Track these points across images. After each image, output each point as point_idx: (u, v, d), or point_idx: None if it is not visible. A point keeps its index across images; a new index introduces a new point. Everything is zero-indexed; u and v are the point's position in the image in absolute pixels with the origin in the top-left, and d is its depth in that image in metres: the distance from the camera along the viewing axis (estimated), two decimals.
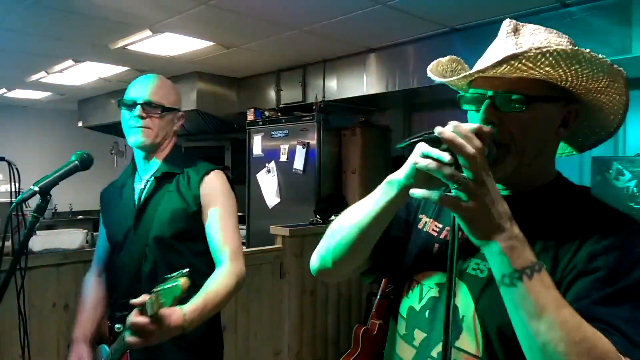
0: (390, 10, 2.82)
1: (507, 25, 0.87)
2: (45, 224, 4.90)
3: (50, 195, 1.24)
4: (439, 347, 0.83)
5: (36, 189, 1.21)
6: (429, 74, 0.93)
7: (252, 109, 4.30)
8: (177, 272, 1.11)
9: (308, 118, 3.84)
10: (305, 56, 3.96)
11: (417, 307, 0.91)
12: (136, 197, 1.56)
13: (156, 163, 1.56)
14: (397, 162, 4.07)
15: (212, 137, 5.50)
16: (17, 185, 1.80)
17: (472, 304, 0.83)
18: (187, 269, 1.13)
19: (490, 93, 0.82)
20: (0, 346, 1.81)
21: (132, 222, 1.51)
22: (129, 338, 1.17)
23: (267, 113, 4.25)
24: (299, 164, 3.88)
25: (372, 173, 3.89)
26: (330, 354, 3.66)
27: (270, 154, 4.17)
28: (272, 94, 4.49)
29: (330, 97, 4.00)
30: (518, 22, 0.87)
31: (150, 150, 1.55)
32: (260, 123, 4.22)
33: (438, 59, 0.94)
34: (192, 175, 1.53)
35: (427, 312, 0.89)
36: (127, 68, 4.38)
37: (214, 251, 1.48)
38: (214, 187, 1.53)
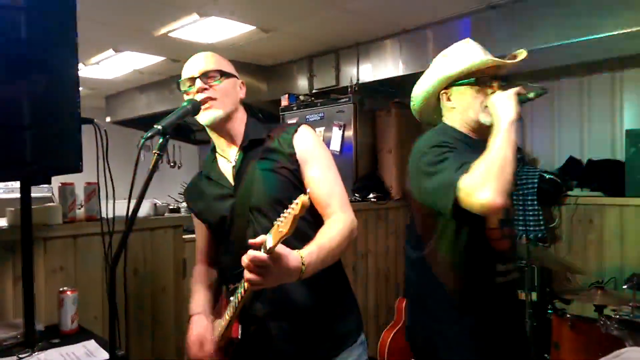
0: None
1: None
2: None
3: (169, 135, 1.35)
4: None
5: (159, 127, 1.32)
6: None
7: (287, 95, 4.40)
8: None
9: (344, 100, 3.94)
10: (339, 40, 4.07)
11: None
12: (229, 175, 1.49)
13: (238, 138, 1.49)
14: None
15: None
16: (104, 148, 1.88)
17: None
18: (307, 190, 1.13)
19: None
20: (81, 307, 1.94)
21: (232, 201, 1.45)
22: (247, 275, 1.13)
23: (301, 97, 4.35)
24: (335, 145, 3.99)
25: (406, 152, 3.96)
26: (371, 327, 3.76)
27: None
28: (304, 80, 4.60)
29: (364, 80, 4.11)
30: None
31: (223, 126, 1.47)
32: (295, 108, 4.33)
33: None
34: (283, 135, 1.45)
35: None
36: (163, 58, 4.51)
37: (321, 207, 1.40)
38: (308, 142, 1.44)
